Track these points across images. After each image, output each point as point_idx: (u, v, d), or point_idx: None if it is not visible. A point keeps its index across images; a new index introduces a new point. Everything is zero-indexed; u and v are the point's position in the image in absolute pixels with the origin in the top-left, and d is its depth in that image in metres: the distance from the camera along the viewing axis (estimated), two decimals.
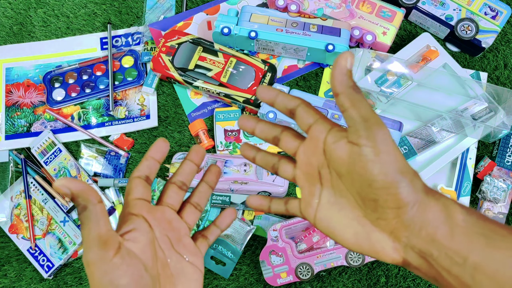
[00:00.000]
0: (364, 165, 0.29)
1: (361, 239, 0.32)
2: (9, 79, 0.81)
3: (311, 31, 0.74)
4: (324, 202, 0.33)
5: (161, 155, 0.36)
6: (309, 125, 0.33)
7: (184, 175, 0.38)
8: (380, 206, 0.30)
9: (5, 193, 0.74)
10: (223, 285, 0.71)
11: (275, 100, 0.35)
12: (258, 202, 0.39)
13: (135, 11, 0.85)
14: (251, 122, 0.36)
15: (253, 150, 0.38)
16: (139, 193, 0.35)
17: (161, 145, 0.36)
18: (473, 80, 0.74)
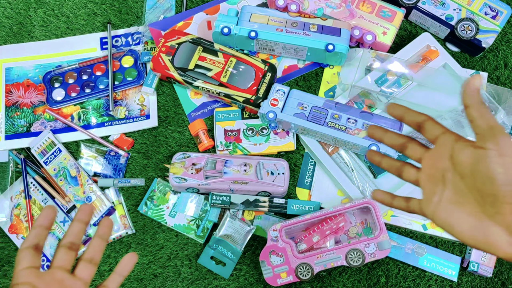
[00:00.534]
0: (488, 165, 0.35)
1: (477, 232, 0.37)
2: (9, 79, 0.81)
3: (311, 31, 0.74)
4: (445, 200, 0.39)
5: (48, 221, 0.42)
6: (436, 135, 0.40)
7: (73, 235, 0.43)
8: (499, 201, 0.34)
9: (5, 193, 0.74)
10: (223, 285, 0.71)
11: (404, 115, 0.42)
12: (382, 196, 0.46)
13: (135, 11, 0.85)
14: (379, 131, 0.44)
15: (380, 156, 0.46)
16: (27, 262, 0.39)
17: (48, 212, 0.42)
18: None
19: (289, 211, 0.71)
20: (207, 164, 0.71)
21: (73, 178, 0.74)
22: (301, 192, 0.74)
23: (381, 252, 0.66)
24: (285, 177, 0.70)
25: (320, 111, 0.71)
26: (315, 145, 0.73)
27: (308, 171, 0.75)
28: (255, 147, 0.75)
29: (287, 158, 0.75)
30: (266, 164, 0.71)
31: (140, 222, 0.74)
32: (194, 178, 0.70)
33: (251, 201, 0.71)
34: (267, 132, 0.75)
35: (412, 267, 0.71)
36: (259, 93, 0.73)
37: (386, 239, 0.66)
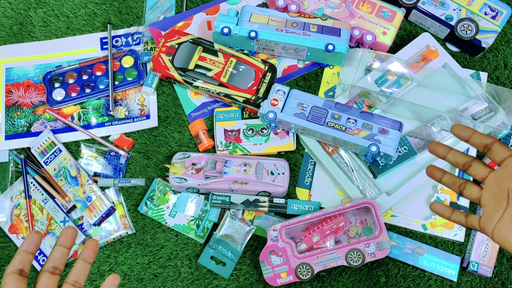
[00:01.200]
0: None
1: None
2: (9, 79, 0.81)
3: (311, 31, 0.74)
4: (507, 217, 0.42)
5: (33, 246, 0.43)
6: (504, 157, 0.43)
7: (56, 260, 0.44)
8: None
9: (5, 193, 0.74)
10: (223, 285, 0.71)
11: (470, 137, 0.45)
12: (441, 209, 0.48)
13: (135, 11, 0.85)
14: (443, 148, 0.47)
15: (441, 172, 0.49)
16: (12, 287, 0.40)
17: (32, 237, 0.43)
18: (473, 80, 0.74)
19: (289, 211, 0.71)
20: (207, 164, 0.71)
21: (73, 178, 0.74)
22: (301, 192, 0.74)
23: (381, 252, 0.66)
24: (285, 177, 0.70)
25: (320, 111, 0.71)
26: (315, 145, 0.73)
27: (308, 171, 0.75)
28: (255, 147, 0.75)
29: (287, 158, 0.75)
30: (266, 164, 0.71)
31: (140, 222, 0.74)
32: (194, 178, 0.70)
33: (251, 201, 0.71)
34: (267, 132, 0.75)
35: (412, 267, 0.71)
36: (259, 93, 0.73)
37: (386, 239, 0.66)
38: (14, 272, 0.41)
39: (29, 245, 0.43)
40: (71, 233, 0.44)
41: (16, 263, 0.42)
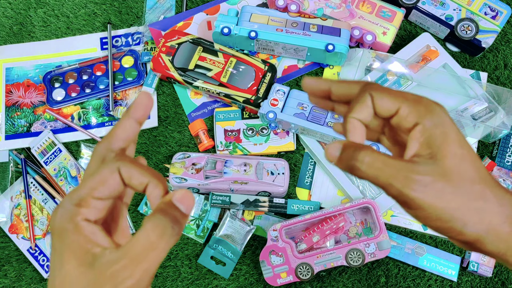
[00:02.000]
0: None
1: None
2: (9, 79, 0.81)
3: (311, 31, 0.74)
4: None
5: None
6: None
7: (124, 139, 0.33)
8: None
9: (5, 193, 0.74)
10: (223, 285, 0.71)
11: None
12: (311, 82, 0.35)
13: (135, 11, 0.85)
14: (320, 81, 0.34)
15: (324, 82, 0.34)
16: None
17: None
18: (473, 80, 0.74)
19: (289, 211, 0.71)
20: (207, 164, 0.71)
21: (73, 178, 0.74)
22: (301, 192, 0.74)
23: (381, 252, 0.66)
24: (285, 177, 0.70)
25: (320, 111, 0.71)
26: (315, 145, 0.73)
27: (308, 171, 0.75)
28: (255, 147, 0.75)
29: (287, 158, 0.75)
30: (266, 164, 0.71)
31: (140, 222, 0.74)
32: (194, 178, 0.70)
33: (251, 201, 0.71)
34: (267, 132, 0.75)
35: (412, 267, 0.71)
36: (259, 93, 0.73)
37: (386, 239, 0.66)
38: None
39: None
40: (146, 102, 0.32)
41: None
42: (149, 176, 0.29)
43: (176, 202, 0.28)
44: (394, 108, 0.30)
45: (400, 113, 0.30)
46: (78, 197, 0.28)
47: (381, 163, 0.29)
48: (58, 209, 0.29)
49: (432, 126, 0.29)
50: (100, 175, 0.29)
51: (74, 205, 0.28)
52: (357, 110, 0.31)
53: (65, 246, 0.28)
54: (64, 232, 0.28)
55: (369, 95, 0.30)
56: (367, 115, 0.31)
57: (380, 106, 0.30)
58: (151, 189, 0.29)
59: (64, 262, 0.27)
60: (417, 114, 0.29)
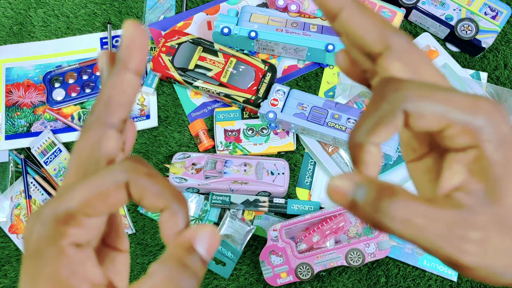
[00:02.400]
0: None
1: None
2: (9, 79, 0.81)
3: (311, 31, 0.74)
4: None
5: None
6: None
7: (120, 103, 0.22)
8: None
9: (5, 193, 0.74)
10: (223, 285, 0.71)
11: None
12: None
13: (135, 11, 0.85)
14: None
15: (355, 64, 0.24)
16: None
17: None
18: (473, 80, 0.74)
19: (289, 211, 0.71)
20: (207, 164, 0.71)
21: None
22: (301, 192, 0.74)
23: (381, 252, 0.66)
24: (285, 177, 0.70)
25: (320, 111, 0.71)
26: (315, 145, 0.73)
27: (308, 171, 0.75)
28: (255, 147, 0.75)
29: (287, 158, 0.75)
30: (266, 164, 0.71)
31: (140, 222, 0.74)
32: (194, 178, 0.70)
33: (251, 201, 0.71)
34: (267, 132, 0.75)
35: (412, 267, 0.71)
36: (259, 93, 0.73)
37: (386, 239, 0.66)
38: None
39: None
40: (140, 40, 0.21)
41: None
42: (168, 199, 0.20)
43: (199, 247, 0.20)
44: (440, 126, 0.20)
45: (447, 133, 0.20)
46: (64, 211, 0.19)
47: (421, 218, 0.19)
48: (36, 222, 0.20)
49: (492, 151, 0.19)
50: (100, 186, 0.20)
51: (59, 222, 0.19)
52: (379, 133, 0.20)
53: (41, 278, 0.19)
54: (41, 257, 0.19)
55: (402, 112, 0.19)
56: (391, 136, 0.20)
57: (418, 126, 0.20)
58: (166, 217, 0.20)
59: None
60: (472, 136, 0.20)
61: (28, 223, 0.20)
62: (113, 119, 0.22)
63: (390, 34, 0.21)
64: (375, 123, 0.20)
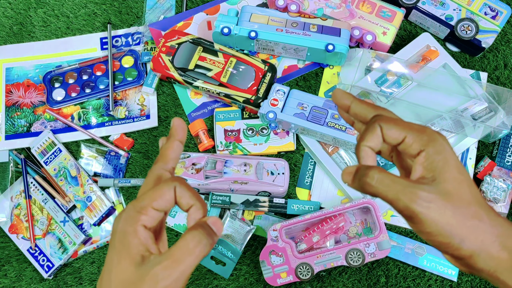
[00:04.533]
0: None
1: None
2: (9, 79, 0.81)
3: (311, 31, 0.74)
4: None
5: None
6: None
7: (174, 159, 0.38)
8: None
9: (5, 193, 0.74)
10: (223, 285, 0.71)
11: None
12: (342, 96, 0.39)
13: (135, 11, 0.85)
14: (347, 96, 0.38)
15: (350, 97, 0.38)
16: None
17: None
18: (473, 80, 0.74)
19: (289, 211, 0.71)
20: (207, 164, 0.71)
21: (73, 178, 0.74)
22: (301, 192, 0.74)
23: (381, 252, 0.66)
24: (285, 177, 0.70)
25: (320, 111, 0.71)
26: (315, 145, 0.73)
27: (308, 171, 0.75)
28: (255, 147, 0.75)
29: (287, 158, 0.75)
30: (266, 164, 0.71)
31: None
32: (194, 178, 0.70)
33: (251, 201, 0.71)
34: (267, 132, 0.75)
35: (412, 267, 0.71)
36: (259, 93, 0.73)
37: (386, 239, 0.66)
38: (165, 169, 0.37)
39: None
40: (182, 126, 0.38)
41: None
42: (196, 200, 0.35)
43: (210, 223, 0.35)
44: (401, 137, 0.34)
45: (406, 141, 0.34)
46: (140, 206, 0.34)
47: (390, 180, 0.32)
48: (123, 213, 0.34)
49: (434, 153, 0.33)
50: (160, 190, 0.34)
51: (137, 212, 0.34)
52: (368, 139, 0.35)
53: (124, 246, 0.33)
54: (125, 234, 0.33)
55: (379, 126, 0.34)
56: (377, 143, 0.35)
57: (388, 136, 0.34)
58: (193, 211, 0.35)
59: (121, 259, 0.33)
60: (421, 143, 0.33)
61: (118, 215, 0.35)
62: (168, 166, 0.37)
63: (378, 108, 0.37)
64: (366, 134, 0.35)
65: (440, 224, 0.32)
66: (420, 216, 0.32)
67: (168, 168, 0.37)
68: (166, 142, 0.38)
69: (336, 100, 0.38)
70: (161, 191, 0.34)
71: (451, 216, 0.32)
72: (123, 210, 0.35)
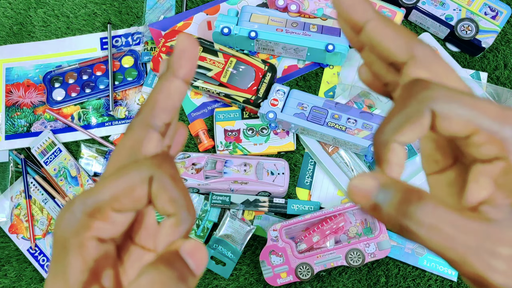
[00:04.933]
0: None
1: None
2: (9, 79, 0.81)
3: (311, 31, 0.74)
4: None
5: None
6: None
7: (168, 108, 0.23)
8: None
9: (5, 193, 0.74)
10: (223, 285, 0.71)
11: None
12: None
13: (135, 11, 0.85)
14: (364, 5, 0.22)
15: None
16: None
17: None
18: (473, 80, 0.74)
19: (289, 211, 0.71)
20: (207, 164, 0.71)
21: (73, 178, 0.74)
22: (301, 192, 0.74)
23: (381, 252, 0.66)
24: (285, 177, 0.70)
25: (320, 111, 0.71)
26: (315, 145, 0.73)
27: (308, 171, 0.75)
28: (255, 147, 0.75)
29: (287, 158, 0.75)
30: (266, 164, 0.71)
31: None
32: (194, 178, 0.70)
33: (251, 201, 0.71)
34: (267, 132, 0.75)
35: (412, 267, 0.71)
36: (259, 93, 0.73)
37: (386, 239, 0.66)
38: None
39: None
40: (191, 50, 0.22)
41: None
42: (179, 207, 0.21)
43: (185, 254, 0.20)
44: (467, 132, 0.19)
45: (473, 139, 0.19)
46: (94, 204, 0.21)
47: (451, 226, 0.18)
48: (66, 212, 0.21)
49: None
50: (127, 180, 0.20)
51: (87, 213, 0.21)
52: (405, 132, 0.19)
53: (60, 267, 0.21)
54: (65, 246, 0.21)
55: (430, 112, 0.19)
56: (417, 136, 0.20)
57: (444, 129, 0.19)
58: (169, 225, 0.21)
59: (57, 281, 0.21)
60: (500, 146, 0.19)
61: (60, 212, 0.21)
62: (156, 121, 0.22)
63: (415, 44, 0.21)
64: (402, 122, 0.19)
65: None
66: (495, 285, 0.19)
67: (156, 125, 0.22)
68: (159, 76, 0.23)
69: (340, 5, 0.22)
70: (127, 182, 0.20)
71: None
72: (67, 205, 0.21)
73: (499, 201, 0.19)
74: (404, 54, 0.21)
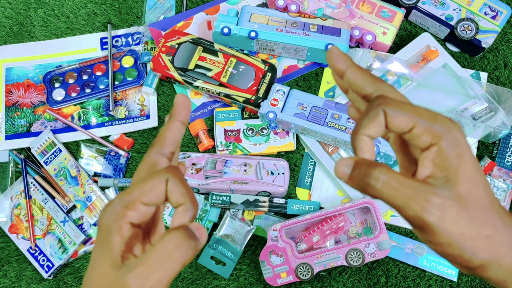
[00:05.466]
0: None
1: None
2: (9, 79, 0.81)
3: (311, 31, 0.74)
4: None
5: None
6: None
7: (173, 142, 0.34)
8: None
9: (5, 193, 0.74)
10: (223, 285, 0.71)
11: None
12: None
13: (135, 11, 0.85)
14: (344, 59, 0.32)
15: (347, 62, 0.32)
16: None
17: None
18: (473, 80, 0.74)
19: (289, 211, 0.71)
20: (207, 164, 0.71)
21: (73, 178, 0.74)
22: (301, 192, 0.74)
23: (381, 252, 0.66)
24: (285, 177, 0.70)
25: (320, 111, 0.71)
26: (315, 145, 0.73)
27: (308, 171, 0.75)
28: (255, 147, 0.75)
29: (287, 158, 0.75)
30: (266, 164, 0.71)
31: None
32: (194, 178, 0.70)
33: (251, 201, 0.71)
34: (267, 132, 0.75)
35: (412, 267, 0.71)
36: (259, 93, 0.73)
37: (386, 239, 0.66)
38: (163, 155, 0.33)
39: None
40: (186, 103, 0.34)
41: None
42: (186, 199, 0.31)
43: (192, 228, 0.30)
44: (408, 126, 0.28)
45: (414, 132, 0.28)
46: (127, 200, 0.30)
47: (397, 182, 0.27)
48: (108, 207, 0.31)
49: (448, 147, 0.27)
50: (151, 182, 0.30)
51: (123, 206, 0.30)
52: (368, 127, 0.29)
53: (106, 244, 0.30)
54: (108, 231, 0.30)
55: (382, 112, 0.28)
56: (378, 131, 0.29)
57: (393, 124, 0.28)
58: (181, 211, 0.31)
59: (102, 259, 0.30)
60: (433, 135, 0.28)
61: (104, 207, 0.31)
62: (165, 150, 0.33)
63: (378, 81, 0.31)
64: (367, 121, 0.29)
65: (453, 236, 0.27)
66: (432, 227, 0.27)
67: (165, 153, 0.33)
68: (166, 122, 0.34)
69: (330, 60, 0.31)
70: (151, 183, 0.30)
71: (465, 226, 0.27)
72: (109, 203, 0.31)
73: (437, 175, 0.28)
74: (371, 88, 0.30)
